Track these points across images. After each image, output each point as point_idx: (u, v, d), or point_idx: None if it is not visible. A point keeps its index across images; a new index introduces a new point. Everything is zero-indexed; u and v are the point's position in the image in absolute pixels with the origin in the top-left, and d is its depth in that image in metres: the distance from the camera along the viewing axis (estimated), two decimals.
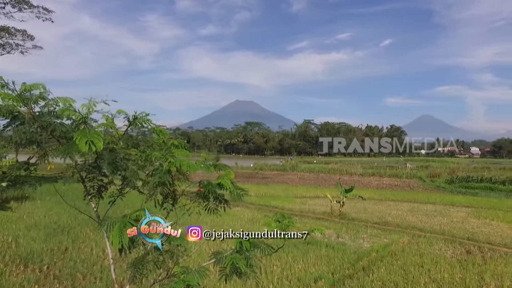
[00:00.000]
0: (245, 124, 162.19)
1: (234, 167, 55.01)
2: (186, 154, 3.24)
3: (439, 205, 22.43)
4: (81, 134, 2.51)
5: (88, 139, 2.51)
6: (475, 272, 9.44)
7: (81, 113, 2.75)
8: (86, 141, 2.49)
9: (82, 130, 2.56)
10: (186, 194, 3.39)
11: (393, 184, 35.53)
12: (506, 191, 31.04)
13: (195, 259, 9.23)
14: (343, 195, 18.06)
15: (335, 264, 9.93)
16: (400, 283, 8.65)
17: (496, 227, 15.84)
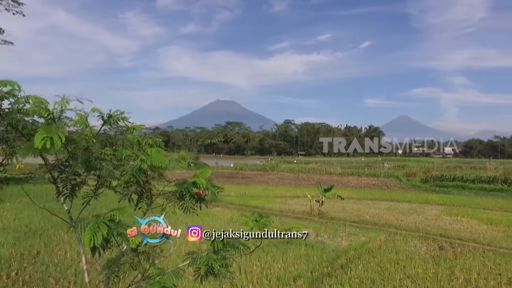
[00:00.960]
0: (226, 124, 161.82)
1: (215, 167, 54.70)
2: (161, 152, 3.19)
3: (414, 203, 23.06)
4: (42, 130, 2.40)
5: (46, 136, 2.39)
6: (446, 267, 9.79)
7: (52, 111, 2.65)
8: (43, 137, 2.37)
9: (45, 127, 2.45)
10: (161, 194, 3.33)
11: (371, 184, 36.28)
12: (476, 189, 32.34)
13: (174, 260, 9.12)
14: (322, 194, 18.28)
15: (314, 262, 10.04)
16: (377, 280, 8.84)
17: (467, 223, 16.47)
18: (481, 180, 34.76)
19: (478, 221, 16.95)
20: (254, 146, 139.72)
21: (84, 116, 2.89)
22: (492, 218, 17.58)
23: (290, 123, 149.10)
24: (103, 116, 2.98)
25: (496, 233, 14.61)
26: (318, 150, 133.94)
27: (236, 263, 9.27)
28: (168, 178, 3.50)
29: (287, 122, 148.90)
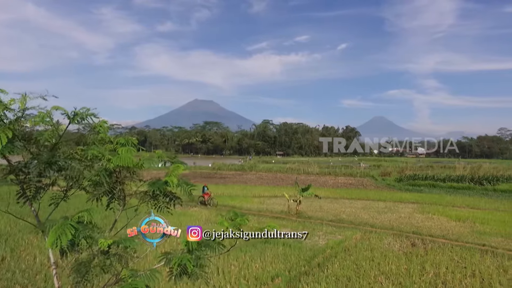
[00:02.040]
0: (204, 124, 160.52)
1: (192, 167, 54.15)
2: (131, 151, 3.10)
3: (389, 202, 23.66)
4: None
5: None
6: (418, 263, 10.13)
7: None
8: None
9: None
10: (134, 194, 3.25)
11: (347, 183, 36.94)
12: (446, 187, 33.66)
13: (152, 261, 8.92)
14: (300, 194, 18.45)
15: (292, 261, 10.12)
16: (353, 277, 9.02)
17: (437, 220, 17.09)
18: (450, 179, 36.21)
19: (447, 218, 17.63)
20: (232, 146, 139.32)
21: (45, 114, 2.74)
22: (460, 215, 18.35)
23: (269, 123, 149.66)
24: (68, 114, 2.85)
25: (463, 229, 15.25)
26: (296, 150, 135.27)
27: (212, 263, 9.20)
28: (142, 178, 3.41)
29: (265, 122, 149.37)
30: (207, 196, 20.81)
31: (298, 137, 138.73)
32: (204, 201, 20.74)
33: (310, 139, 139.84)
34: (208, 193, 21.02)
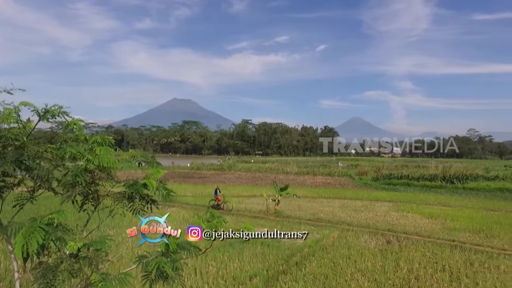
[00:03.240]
0: (183, 123, 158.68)
1: (171, 167, 53.39)
2: (110, 151, 3.02)
3: (366, 201, 24.19)
4: None
5: None
6: (392, 259, 10.41)
7: None
8: None
9: None
10: (109, 195, 3.15)
11: (326, 182, 37.45)
12: (420, 186, 34.76)
13: (127, 264, 8.73)
14: (278, 193, 18.55)
15: (270, 261, 10.16)
16: (330, 275, 9.15)
17: (411, 218, 17.62)
18: (424, 178, 37.40)
19: (421, 216, 18.21)
20: (211, 145, 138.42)
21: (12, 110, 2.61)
22: (432, 212, 19.00)
23: (248, 123, 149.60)
24: (38, 111, 2.72)
25: (435, 226, 15.80)
26: (275, 150, 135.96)
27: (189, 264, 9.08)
28: (117, 178, 3.32)
29: (244, 122, 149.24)
30: (219, 200, 19.66)
31: (277, 137, 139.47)
32: (216, 205, 19.45)
33: (289, 139, 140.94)
34: (220, 197, 19.82)
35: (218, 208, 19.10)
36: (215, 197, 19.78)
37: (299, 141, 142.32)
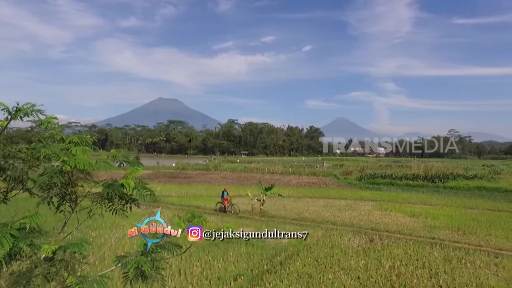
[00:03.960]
0: (168, 123, 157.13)
1: (156, 167, 52.83)
2: (87, 151, 2.96)
3: (350, 200, 24.47)
4: None
5: None
6: (375, 257, 10.60)
7: None
8: None
9: None
10: (87, 196, 3.10)
11: (311, 182, 37.68)
12: (402, 185, 35.44)
13: (109, 265, 8.59)
14: (263, 193, 18.59)
15: (254, 260, 10.18)
16: (314, 273, 9.24)
17: (394, 217, 17.95)
18: (406, 177, 38.15)
19: (403, 214, 18.57)
20: (197, 145, 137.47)
21: None
22: (414, 211, 19.40)
23: (234, 123, 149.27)
24: (8, 109, 2.64)
25: (416, 224, 16.15)
26: (261, 149, 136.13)
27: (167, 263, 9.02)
28: (96, 178, 3.27)
29: (230, 122, 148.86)
30: (227, 202, 18.77)
31: (263, 137, 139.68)
32: (223, 208, 18.73)
33: (275, 139, 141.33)
34: (228, 198, 18.88)
35: (226, 211, 18.46)
36: (222, 200, 18.91)
37: (285, 141, 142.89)
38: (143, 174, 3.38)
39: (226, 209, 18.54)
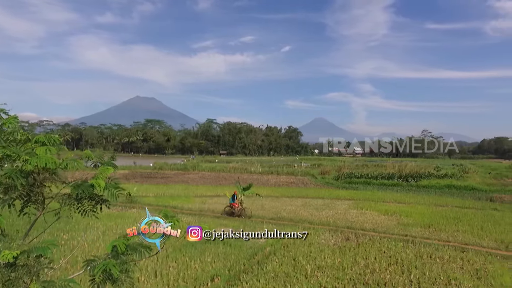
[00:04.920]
0: (145, 122, 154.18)
1: (132, 167, 51.74)
2: (52, 151, 2.86)
3: (327, 199, 24.84)
4: None
5: None
6: (350, 255, 10.82)
7: None
8: None
9: None
10: (55, 197, 2.99)
11: (289, 182, 37.97)
12: (378, 184, 36.36)
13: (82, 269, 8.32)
14: (241, 193, 18.58)
15: (232, 260, 10.18)
16: (291, 272, 9.33)
17: (369, 215, 18.39)
18: (382, 177, 39.16)
19: (378, 213, 19.06)
20: (175, 145, 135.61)
21: None
22: (388, 209, 19.95)
23: (213, 122, 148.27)
24: None
25: (390, 222, 16.62)
26: (239, 149, 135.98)
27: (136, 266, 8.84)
28: (65, 179, 3.16)
29: (209, 121, 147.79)
30: (237, 206, 17.67)
31: (242, 137, 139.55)
32: (232, 212, 17.57)
33: (254, 139, 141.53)
34: (237, 203, 17.79)
35: (235, 215, 17.35)
36: (232, 204, 17.76)
37: (263, 141, 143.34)
38: (118, 174, 3.31)
39: (235, 213, 17.43)
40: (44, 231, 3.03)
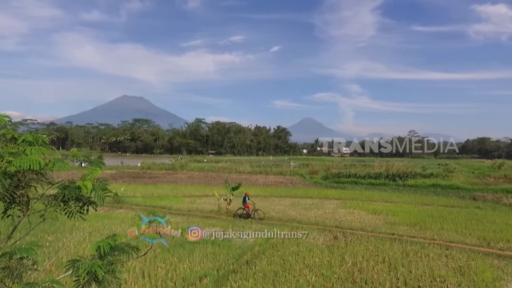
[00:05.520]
0: (133, 121, 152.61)
1: (120, 167, 51.10)
2: (42, 151, 2.81)
3: (315, 199, 24.97)
4: None
5: None
6: (338, 254, 10.92)
7: None
8: None
9: None
10: (41, 198, 2.93)
11: (277, 181, 38.04)
12: (366, 184, 36.77)
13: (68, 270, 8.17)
14: (230, 193, 18.54)
15: (221, 260, 10.14)
16: (279, 272, 9.36)
17: (357, 215, 18.58)
18: (369, 176, 39.62)
19: (366, 212, 19.27)
20: (163, 144, 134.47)
21: None
22: (376, 208, 20.19)
23: (201, 122, 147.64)
24: None
25: (378, 221, 16.83)
26: (228, 149, 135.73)
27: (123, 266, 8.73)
28: (51, 179, 3.10)
29: (198, 121, 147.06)
30: (249, 208, 17.27)
31: (231, 136, 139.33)
32: (245, 214, 17.17)
33: (243, 139, 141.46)
34: (249, 204, 17.31)
35: (248, 217, 16.98)
36: (244, 205, 17.34)
37: (252, 141, 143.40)
38: (105, 174, 3.26)
39: (249, 214, 17.11)
40: (28, 232, 2.96)
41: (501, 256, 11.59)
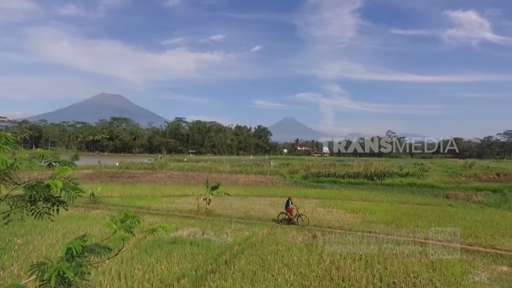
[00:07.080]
0: (111, 120, 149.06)
1: (97, 166, 49.80)
2: (8, 151, 2.69)
3: (295, 198, 24.91)
4: None
5: None
6: (317, 253, 11.05)
7: None
8: None
9: None
10: (6, 199, 2.81)
11: (258, 181, 38.08)
12: (345, 183, 37.34)
13: None
14: (209, 192, 18.42)
15: (199, 260, 10.06)
16: (258, 271, 9.37)
17: (336, 213, 18.85)
18: (348, 175, 40.30)
19: (344, 211, 19.57)
20: (142, 144, 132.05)
21: None
22: (354, 207, 20.56)
23: (181, 121, 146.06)
24: None
25: (356, 220, 17.14)
26: (209, 148, 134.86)
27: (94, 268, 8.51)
28: (17, 180, 2.97)
29: (178, 120, 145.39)
30: (292, 213, 16.17)
31: (211, 136, 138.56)
32: (287, 219, 16.06)
33: (223, 138, 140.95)
34: (291, 209, 16.27)
35: (291, 222, 15.87)
36: (287, 210, 16.27)
37: (233, 140, 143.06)
38: (82, 173, 3.14)
39: (291, 220, 15.99)
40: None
41: (469, 251, 12.09)
